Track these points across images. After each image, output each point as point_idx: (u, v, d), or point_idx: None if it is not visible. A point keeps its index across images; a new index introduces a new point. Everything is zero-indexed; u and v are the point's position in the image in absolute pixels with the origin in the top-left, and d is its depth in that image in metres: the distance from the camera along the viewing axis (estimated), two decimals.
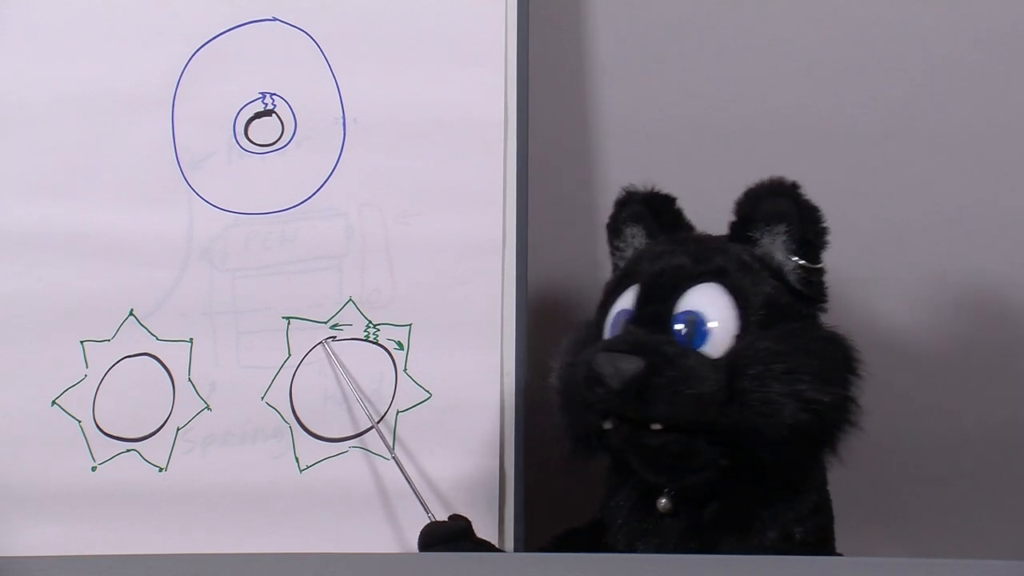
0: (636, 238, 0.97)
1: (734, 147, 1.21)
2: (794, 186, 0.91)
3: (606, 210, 1.22)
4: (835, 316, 0.93)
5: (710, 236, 0.95)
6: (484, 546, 0.96)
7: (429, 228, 1.09)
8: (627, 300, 0.91)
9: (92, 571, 0.86)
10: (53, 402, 1.06)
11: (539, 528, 1.08)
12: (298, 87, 1.10)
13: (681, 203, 1.00)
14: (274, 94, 1.10)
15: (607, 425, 0.88)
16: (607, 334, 0.92)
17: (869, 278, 1.21)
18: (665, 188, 1.00)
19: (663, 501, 0.91)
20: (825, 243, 0.91)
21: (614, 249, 0.99)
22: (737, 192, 0.99)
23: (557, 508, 1.13)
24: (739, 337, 0.87)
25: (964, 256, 1.22)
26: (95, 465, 1.06)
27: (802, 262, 0.90)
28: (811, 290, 0.90)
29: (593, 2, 1.21)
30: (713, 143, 1.21)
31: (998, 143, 1.21)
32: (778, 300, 0.89)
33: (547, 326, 1.21)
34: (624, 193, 0.99)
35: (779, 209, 0.90)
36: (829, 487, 0.94)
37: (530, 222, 1.10)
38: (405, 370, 1.08)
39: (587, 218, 1.23)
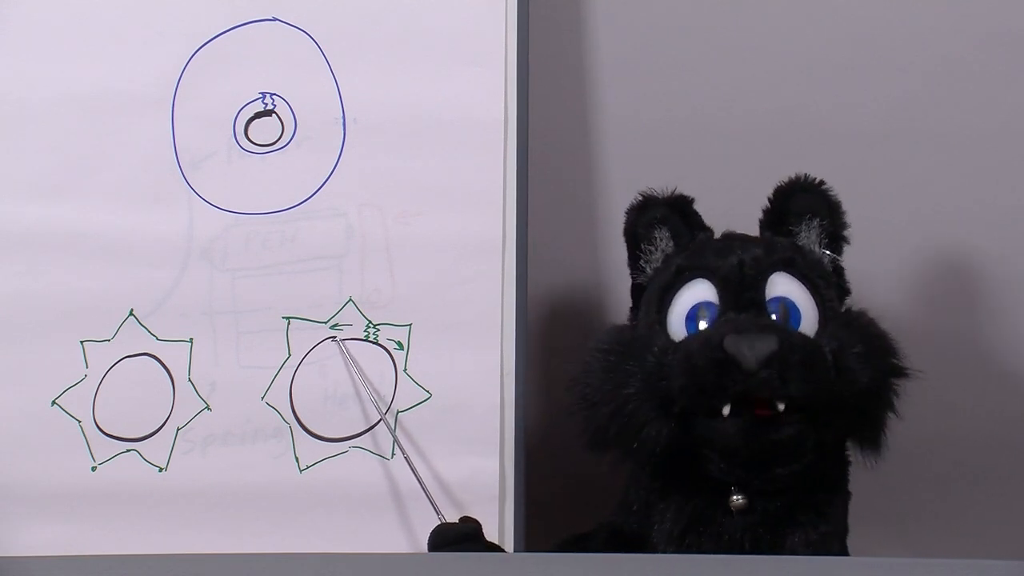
0: (663, 241, 0.98)
1: (734, 147, 1.21)
2: (821, 182, 0.96)
3: (606, 210, 1.23)
4: None
5: (748, 235, 0.97)
6: (493, 549, 0.96)
7: (429, 228, 1.09)
8: (701, 293, 0.93)
9: (92, 571, 0.86)
10: (53, 402, 1.06)
11: (539, 528, 1.08)
12: (298, 87, 1.10)
13: None
14: (274, 94, 1.10)
15: (726, 411, 0.88)
16: (681, 329, 0.92)
17: (868, 278, 1.21)
18: (665, 188, 1.00)
19: (738, 498, 0.91)
20: (848, 238, 0.96)
21: (640, 253, 0.99)
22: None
23: (557, 508, 1.13)
24: (822, 321, 0.91)
25: (964, 256, 1.22)
26: (95, 465, 1.06)
27: (832, 255, 0.95)
28: (841, 282, 0.96)
29: (593, 2, 1.21)
30: (713, 143, 1.21)
31: (998, 143, 1.21)
32: (832, 287, 0.94)
33: (547, 326, 1.22)
34: (643, 198, 0.99)
35: (812, 203, 0.96)
36: None
37: (530, 222, 1.09)
38: (405, 370, 1.08)
39: (587, 218, 1.23)
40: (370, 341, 1.08)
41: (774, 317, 0.90)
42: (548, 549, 1.00)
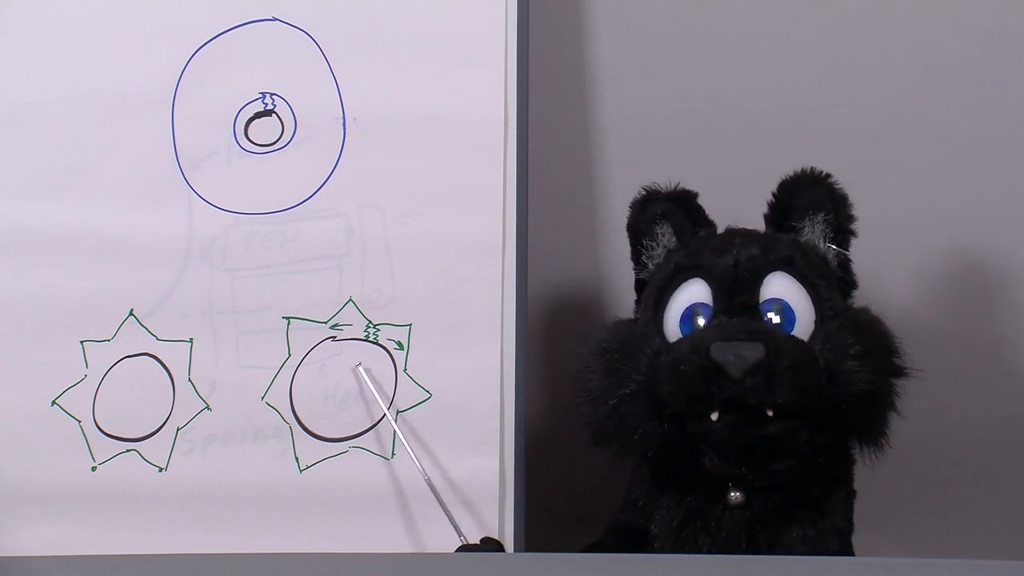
0: (665, 236, 0.98)
1: (734, 147, 1.21)
2: (827, 175, 0.95)
3: (606, 210, 1.23)
4: None
5: (751, 230, 0.96)
6: None
7: (429, 228, 1.09)
8: (696, 294, 0.92)
9: (92, 571, 0.86)
10: (53, 402, 1.06)
11: (539, 528, 1.08)
12: (298, 87, 1.10)
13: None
14: (274, 94, 1.10)
15: (715, 416, 0.88)
16: (676, 330, 0.92)
17: (868, 277, 1.21)
18: (669, 183, 1.00)
19: (736, 494, 0.91)
20: (854, 231, 0.95)
21: (642, 248, 0.99)
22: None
23: (557, 508, 1.13)
24: (818, 322, 0.90)
25: (964, 255, 1.22)
26: (95, 465, 1.06)
27: (838, 249, 0.94)
28: (846, 275, 0.95)
29: (593, 2, 1.21)
30: (713, 143, 1.21)
31: (998, 143, 1.21)
32: (834, 285, 0.93)
33: (547, 326, 1.22)
34: (645, 192, 1.00)
35: (817, 198, 0.94)
36: None
37: (530, 222, 1.10)
38: (405, 370, 1.08)
39: (587, 218, 1.23)
40: (370, 341, 1.08)
41: (773, 318, 0.90)
42: (549, 549, 1.00)
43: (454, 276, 1.08)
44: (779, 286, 0.91)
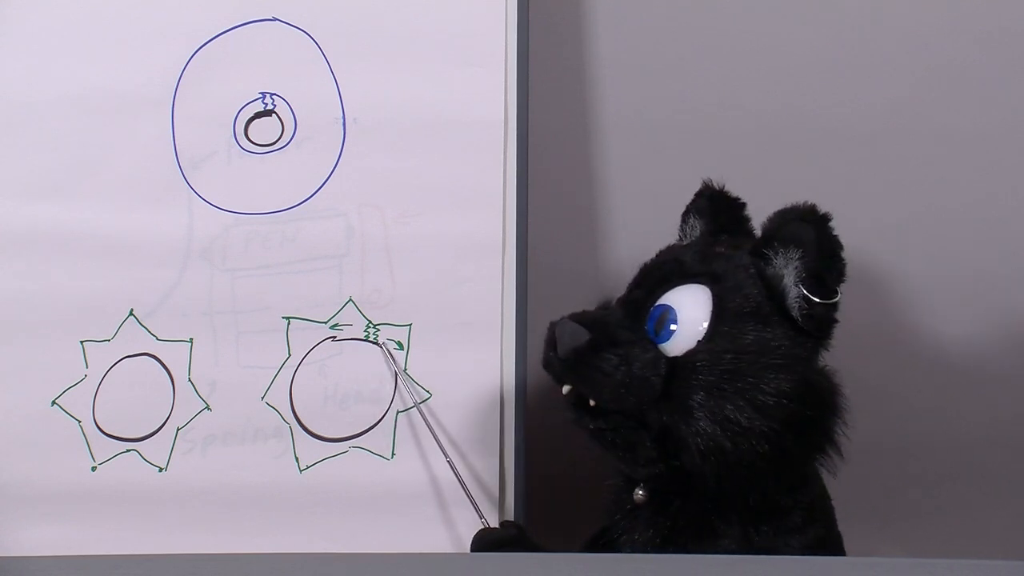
0: (696, 229, 0.99)
1: (734, 147, 1.21)
2: (824, 217, 0.87)
3: (606, 210, 1.23)
4: None
5: (736, 244, 0.94)
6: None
7: (429, 228, 1.09)
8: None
9: (92, 571, 0.86)
10: (53, 402, 1.06)
11: (539, 528, 1.08)
12: (298, 87, 1.10)
13: (680, 202, 1.01)
14: (274, 94, 1.10)
15: (564, 390, 0.91)
16: None
17: (868, 278, 1.21)
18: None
19: (639, 492, 0.92)
20: (839, 280, 0.88)
21: (680, 235, 1.00)
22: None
23: (557, 507, 1.13)
24: (700, 343, 0.87)
25: (963, 256, 1.22)
26: (95, 465, 1.06)
27: (806, 294, 0.87)
28: (809, 324, 0.87)
29: (593, 2, 1.21)
30: (713, 143, 1.21)
31: (998, 143, 1.21)
32: (764, 321, 0.87)
33: (547, 326, 1.22)
34: (702, 184, 1.00)
35: (799, 235, 0.87)
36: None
37: (530, 222, 1.10)
38: (405, 370, 1.08)
39: (587, 218, 1.23)
40: (370, 341, 1.08)
41: (672, 326, 0.88)
42: (548, 548, 1.00)
43: (454, 276, 1.08)
44: (686, 297, 0.89)
